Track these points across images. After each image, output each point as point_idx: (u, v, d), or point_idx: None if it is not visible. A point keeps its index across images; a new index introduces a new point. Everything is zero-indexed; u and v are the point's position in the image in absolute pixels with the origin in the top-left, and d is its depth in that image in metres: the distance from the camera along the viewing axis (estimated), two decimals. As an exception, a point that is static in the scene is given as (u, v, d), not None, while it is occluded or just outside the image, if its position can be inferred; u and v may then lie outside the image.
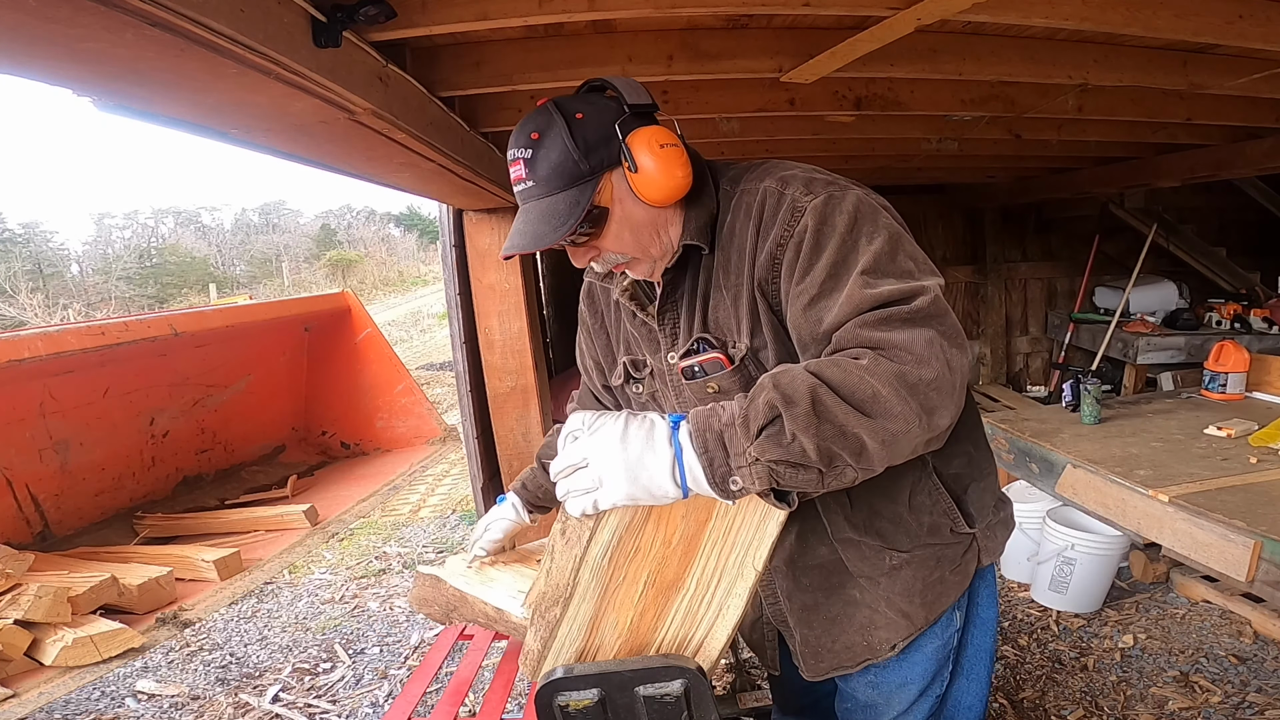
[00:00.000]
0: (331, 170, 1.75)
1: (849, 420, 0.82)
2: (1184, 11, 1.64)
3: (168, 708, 2.73)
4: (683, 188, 1.03)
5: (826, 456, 0.83)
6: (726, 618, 1.00)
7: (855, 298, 0.91)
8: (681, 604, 1.00)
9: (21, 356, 2.63)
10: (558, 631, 0.97)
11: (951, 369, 0.88)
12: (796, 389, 0.83)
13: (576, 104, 1.04)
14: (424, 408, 4.35)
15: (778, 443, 0.82)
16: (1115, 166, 3.73)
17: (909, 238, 1.00)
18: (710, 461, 0.84)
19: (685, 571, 0.98)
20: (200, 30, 0.84)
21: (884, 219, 0.99)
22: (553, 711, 1.01)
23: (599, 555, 0.92)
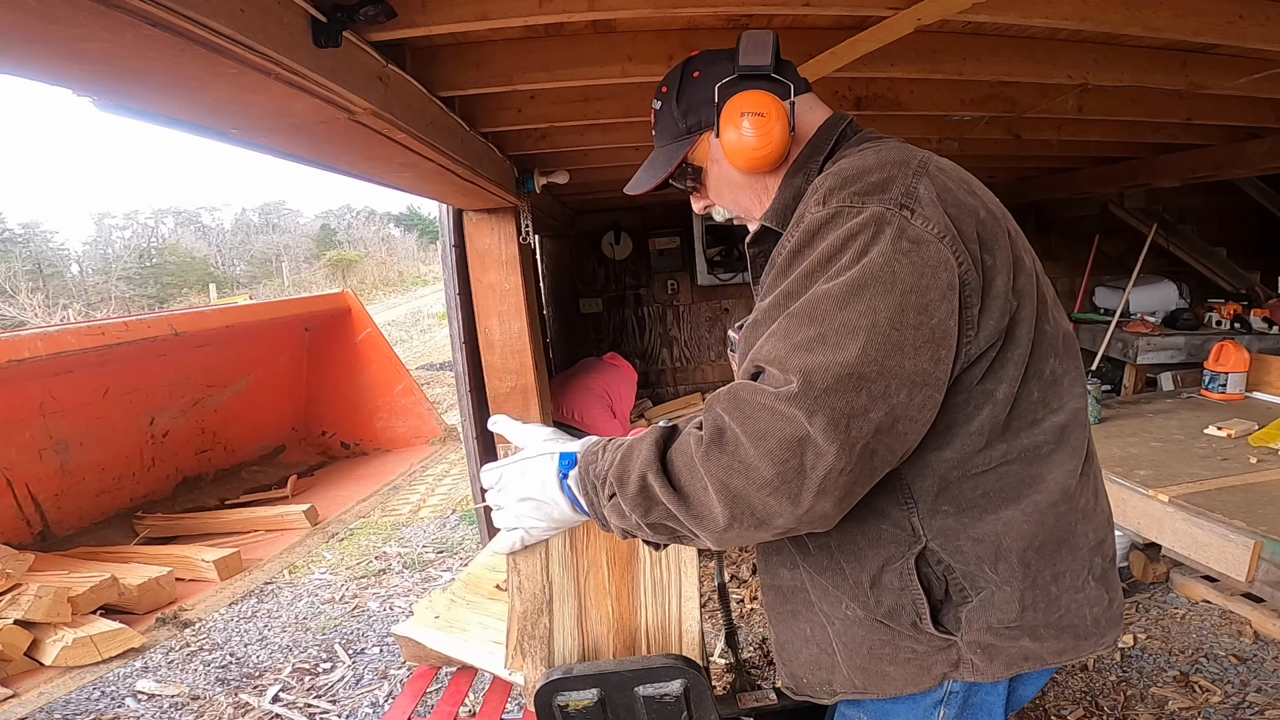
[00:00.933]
0: (331, 170, 1.75)
1: (675, 508, 0.82)
2: (1184, 11, 1.64)
3: (168, 708, 2.73)
4: (767, 159, 0.99)
5: (665, 532, 0.86)
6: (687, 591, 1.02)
7: (761, 348, 0.82)
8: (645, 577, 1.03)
9: (21, 356, 2.62)
10: (552, 644, 0.98)
11: (804, 474, 0.75)
12: (630, 470, 0.84)
13: (702, 62, 1.06)
14: (424, 408, 4.35)
15: (619, 512, 0.87)
16: (1115, 166, 3.73)
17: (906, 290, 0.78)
18: (590, 504, 0.91)
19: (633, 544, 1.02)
20: (200, 30, 0.84)
21: (875, 254, 0.79)
22: (552, 711, 1.01)
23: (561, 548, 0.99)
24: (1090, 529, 0.96)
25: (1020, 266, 0.88)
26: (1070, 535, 0.94)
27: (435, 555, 4.22)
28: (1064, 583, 0.94)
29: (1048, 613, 0.93)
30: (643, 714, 1.02)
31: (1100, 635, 0.98)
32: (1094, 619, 0.97)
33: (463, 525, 4.65)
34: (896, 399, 0.78)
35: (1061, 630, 0.94)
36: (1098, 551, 0.97)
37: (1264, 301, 4.14)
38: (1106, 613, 0.99)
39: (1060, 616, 0.94)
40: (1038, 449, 0.91)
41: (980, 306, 0.84)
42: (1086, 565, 0.96)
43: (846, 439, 0.76)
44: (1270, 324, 3.98)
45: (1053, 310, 0.94)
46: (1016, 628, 0.92)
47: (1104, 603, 0.98)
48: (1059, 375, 0.92)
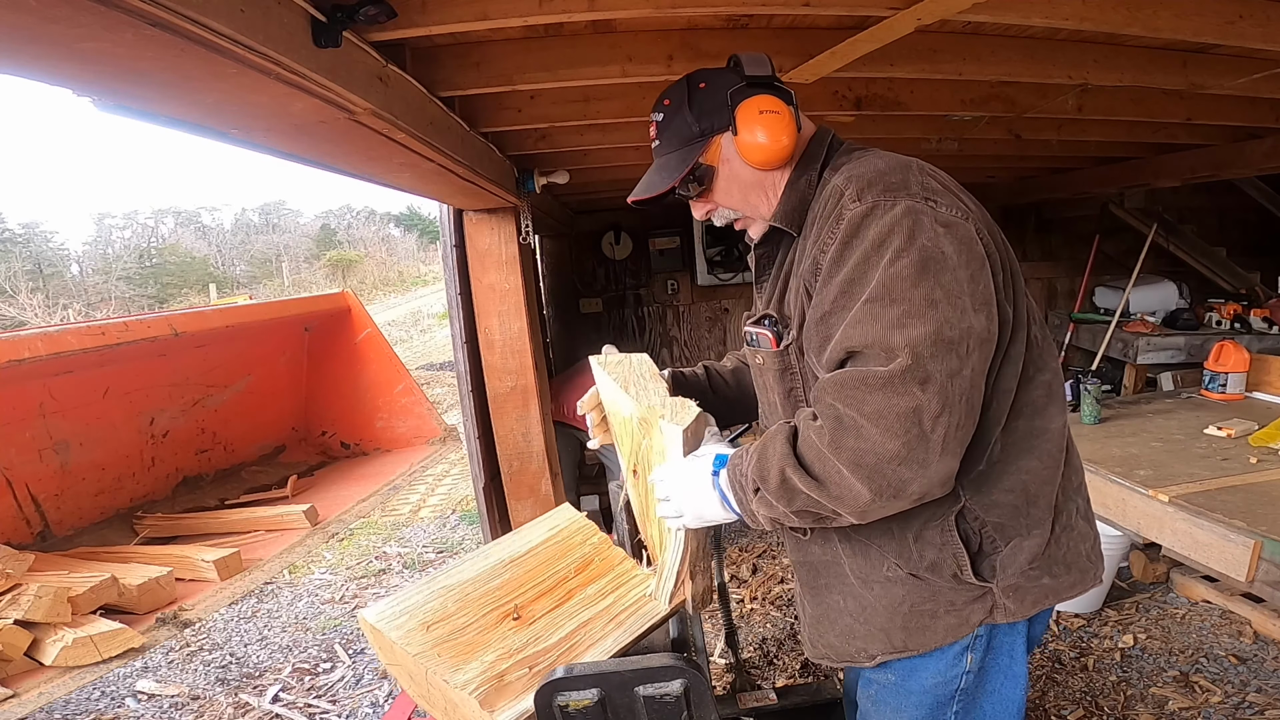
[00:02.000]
0: (331, 170, 1.75)
1: (816, 494, 0.94)
2: (1184, 11, 1.64)
3: (168, 708, 2.73)
4: (782, 152, 1.10)
5: (809, 516, 0.98)
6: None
7: (849, 335, 0.93)
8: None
9: (21, 356, 2.63)
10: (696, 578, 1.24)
11: (927, 439, 0.87)
12: (769, 467, 0.97)
13: (705, 75, 1.15)
14: (424, 408, 4.35)
15: (767, 504, 1.00)
16: (1115, 166, 3.73)
17: (957, 264, 0.91)
18: (739, 501, 1.04)
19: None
20: (200, 30, 0.84)
21: (924, 239, 0.91)
22: (553, 711, 1.01)
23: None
24: (1073, 472, 1.13)
25: (1007, 247, 1.03)
26: (1072, 477, 1.11)
27: (435, 555, 4.22)
28: (1068, 521, 1.09)
29: (1061, 550, 1.08)
30: (643, 714, 1.02)
31: (1095, 569, 1.14)
32: (1086, 554, 1.12)
33: (463, 525, 4.65)
34: (975, 357, 0.91)
35: (1069, 566, 1.09)
36: (1079, 492, 1.14)
37: (1264, 301, 4.14)
38: (1094, 549, 1.15)
39: (1065, 553, 1.08)
40: (1035, 404, 1.04)
41: (997, 274, 0.97)
42: (1075, 505, 1.12)
43: (952, 397, 0.88)
44: (1270, 324, 3.97)
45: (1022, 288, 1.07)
46: (1039, 567, 1.06)
47: (1090, 539, 1.14)
48: (1041, 339, 1.07)
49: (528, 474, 2.88)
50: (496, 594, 1.24)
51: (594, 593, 1.28)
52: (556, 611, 1.22)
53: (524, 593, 1.25)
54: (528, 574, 1.30)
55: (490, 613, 1.20)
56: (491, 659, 1.10)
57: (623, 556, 1.40)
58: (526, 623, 1.19)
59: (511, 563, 1.32)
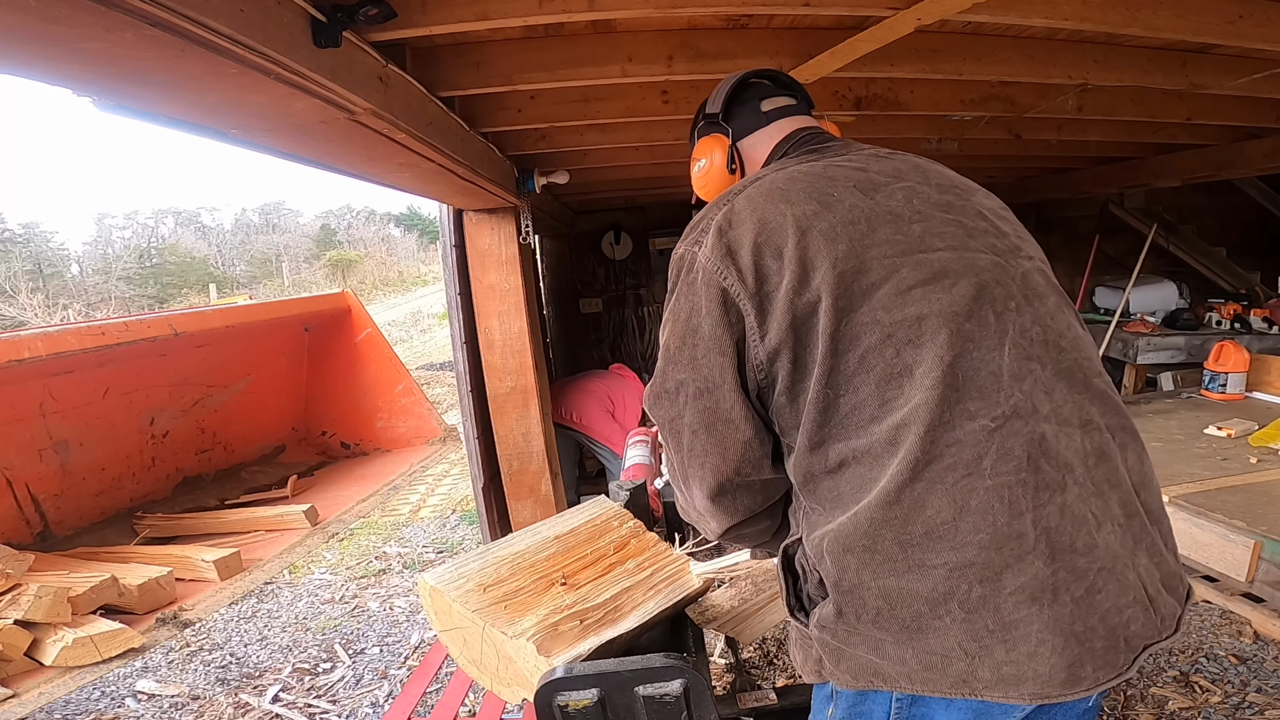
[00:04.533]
0: (331, 170, 1.75)
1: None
2: (1184, 11, 1.64)
3: (168, 708, 2.73)
4: (705, 192, 1.18)
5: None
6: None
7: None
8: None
9: (21, 356, 2.62)
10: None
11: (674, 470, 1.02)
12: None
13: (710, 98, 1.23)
14: (424, 408, 4.35)
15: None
16: (1115, 166, 3.73)
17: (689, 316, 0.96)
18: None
19: None
20: (200, 30, 0.84)
21: (673, 291, 1.00)
22: (552, 711, 1.01)
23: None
24: (948, 549, 0.83)
25: (813, 266, 0.89)
26: (906, 552, 0.84)
27: (435, 555, 4.22)
28: (903, 604, 0.84)
29: (883, 629, 0.85)
30: (643, 714, 1.02)
31: (984, 679, 0.82)
32: (967, 654, 0.82)
33: (463, 525, 4.65)
34: (703, 403, 0.94)
35: (911, 655, 0.85)
36: (964, 576, 0.82)
37: (1264, 301, 4.14)
38: (999, 655, 0.82)
39: (909, 639, 0.84)
40: (872, 451, 0.87)
41: (760, 312, 0.91)
42: (946, 590, 0.83)
43: (675, 438, 0.97)
44: (1270, 324, 3.98)
45: (916, 295, 0.88)
46: (848, 633, 0.87)
47: (985, 640, 0.82)
48: (908, 366, 0.86)
49: (528, 474, 2.88)
50: (545, 564, 1.33)
51: (632, 566, 1.38)
52: (600, 580, 1.31)
53: (569, 564, 1.34)
54: (571, 549, 1.39)
55: (540, 579, 1.29)
56: (544, 614, 1.19)
57: (656, 539, 1.49)
58: (573, 588, 1.28)
59: (557, 539, 1.41)
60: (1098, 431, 0.90)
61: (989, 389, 0.85)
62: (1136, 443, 0.96)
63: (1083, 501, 0.85)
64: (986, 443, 0.84)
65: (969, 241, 0.95)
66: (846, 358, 0.88)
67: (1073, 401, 0.89)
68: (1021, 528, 0.83)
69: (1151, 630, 0.86)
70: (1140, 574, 0.87)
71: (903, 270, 0.90)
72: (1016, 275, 0.95)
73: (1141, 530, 0.90)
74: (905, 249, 0.91)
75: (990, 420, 0.84)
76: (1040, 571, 0.82)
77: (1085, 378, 0.93)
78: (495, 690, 1.23)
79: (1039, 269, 1.00)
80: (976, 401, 0.85)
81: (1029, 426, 0.85)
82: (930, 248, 0.92)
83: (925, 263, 0.91)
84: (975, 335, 0.87)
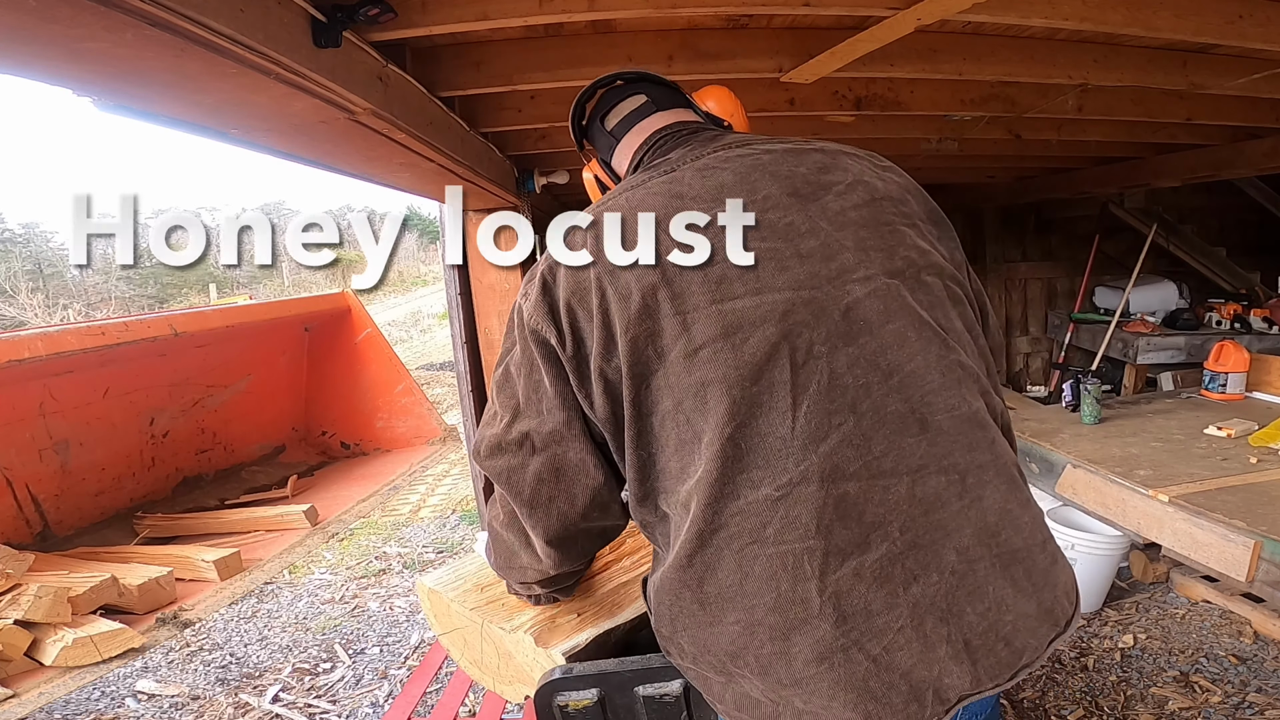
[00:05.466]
0: (331, 170, 1.75)
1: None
2: (1184, 11, 1.64)
3: (168, 708, 2.73)
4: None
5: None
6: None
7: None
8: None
9: (21, 356, 2.63)
10: None
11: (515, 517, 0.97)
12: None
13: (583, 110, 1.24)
14: (424, 408, 4.35)
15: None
16: (1115, 166, 3.73)
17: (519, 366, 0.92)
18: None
19: None
20: (200, 30, 0.84)
21: (510, 349, 0.94)
22: (552, 712, 1.01)
23: None
24: (738, 609, 0.84)
25: (612, 329, 0.85)
26: (704, 608, 0.86)
27: (435, 555, 4.22)
28: (710, 653, 0.87)
29: (708, 668, 0.88)
30: (643, 714, 1.02)
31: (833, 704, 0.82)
32: (771, 701, 0.84)
33: (463, 525, 4.65)
34: (550, 452, 0.91)
35: (730, 694, 0.88)
36: (755, 634, 0.83)
37: (1264, 301, 4.14)
38: (797, 705, 0.83)
39: (727, 681, 0.87)
40: (675, 511, 0.88)
41: (579, 375, 0.88)
42: (741, 645, 0.84)
43: (513, 489, 0.93)
44: (1270, 324, 3.98)
45: (703, 357, 0.83)
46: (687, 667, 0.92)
47: (782, 692, 0.83)
48: (697, 434, 0.84)
49: (528, 474, 2.88)
50: None
51: (628, 564, 1.38)
52: (596, 577, 1.31)
53: None
54: None
55: None
56: (543, 610, 1.19)
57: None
58: None
59: None
60: (933, 475, 0.84)
61: (775, 457, 0.82)
62: (1001, 479, 0.88)
63: (890, 560, 0.82)
64: (770, 512, 0.82)
65: (776, 278, 0.85)
66: (650, 420, 0.87)
67: (897, 450, 0.83)
68: (805, 593, 0.81)
69: (968, 682, 0.83)
70: (963, 626, 0.83)
71: (693, 329, 0.84)
72: (836, 310, 0.85)
73: (983, 578, 0.84)
74: (698, 301, 0.84)
75: (774, 490, 0.82)
76: (827, 634, 0.81)
77: (926, 416, 0.85)
78: (498, 690, 1.24)
79: (879, 291, 0.87)
80: (760, 470, 0.82)
81: (823, 491, 0.81)
82: (727, 295, 0.84)
83: (717, 315, 0.84)
84: (762, 399, 0.82)
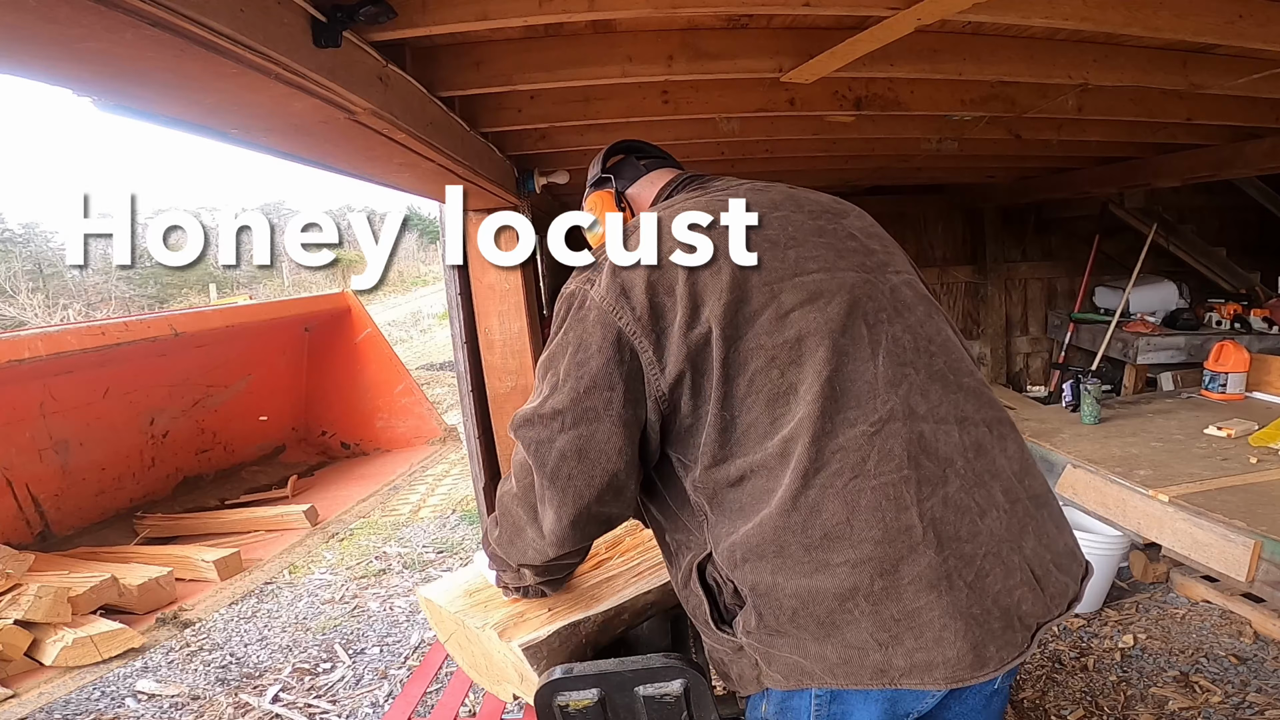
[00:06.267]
0: (331, 170, 1.75)
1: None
2: (1184, 11, 1.64)
3: (168, 708, 2.73)
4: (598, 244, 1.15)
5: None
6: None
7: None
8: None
9: (21, 356, 2.63)
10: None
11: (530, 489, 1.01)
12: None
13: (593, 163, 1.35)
14: (424, 408, 4.35)
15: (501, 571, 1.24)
16: (1115, 166, 3.73)
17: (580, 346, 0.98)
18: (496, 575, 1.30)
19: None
20: (200, 30, 0.84)
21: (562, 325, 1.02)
22: (552, 711, 1.01)
23: None
24: (847, 546, 0.88)
25: (701, 300, 0.96)
26: (809, 554, 0.89)
27: (435, 555, 4.22)
28: (816, 602, 0.89)
29: (802, 628, 0.90)
30: (643, 714, 1.02)
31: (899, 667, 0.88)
32: (880, 644, 0.88)
33: (463, 525, 4.65)
34: (580, 430, 0.96)
35: (830, 649, 0.89)
36: (864, 570, 0.88)
37: (1264, 301, 4.14)
38: (908, 643, 0.87)
39: (826, 634, 0.89)
40: (767, 464, 0.93)
41: (657, 347, 0.96)
42: (851, 585, 0.88)
43: (540, 461, 0.97)
44: (1270, 324, 3.97)
45: (795, 317, 0.95)
46: (773, 636, 0.92)
47: (894, 629, 0.88)
48: (792, 385, 0.94)
49: (528, 474, 2.88)
50: None
51: (620, 561, 1.41)
52: (587, 574, 1.34)
53: None
54: None
55: None
56: (520, 607, 1.22)
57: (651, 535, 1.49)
58: None
59: None
60: (974, 426, 0.98)
61: (865, 397, 0.93)
62: (1014, 433, 1.04)
63: (965, 492, 0.93)
64: (868, 446, 0.91)
65: (839, 261, 1.02)
66: (737, 382, 0.95)
67: (948, 401, 0.97)
68: (909, 520, 0.89)
69: (1041, 608, 0.93)
70: (1026, 556, 0.94)
71: (781, 295, 0.97)
72: (885, 290, 1.02)
73: (1026, 515, 0.97)
74: (782, 274, 0.98)
75: (869, 425, 0.92)
76: (932, 560, 0.88)
77: (956, 378, 1.00)
78: (493, 690, 1.26)
79: (907, 282, 1.07)
80: (854, 410, 0.92)
81: (907, 427, 0.92)
82: (805, 270, 0.99)
83: (801, 285, 0.98)
84: (850, 349, 0.95)
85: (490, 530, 1.15)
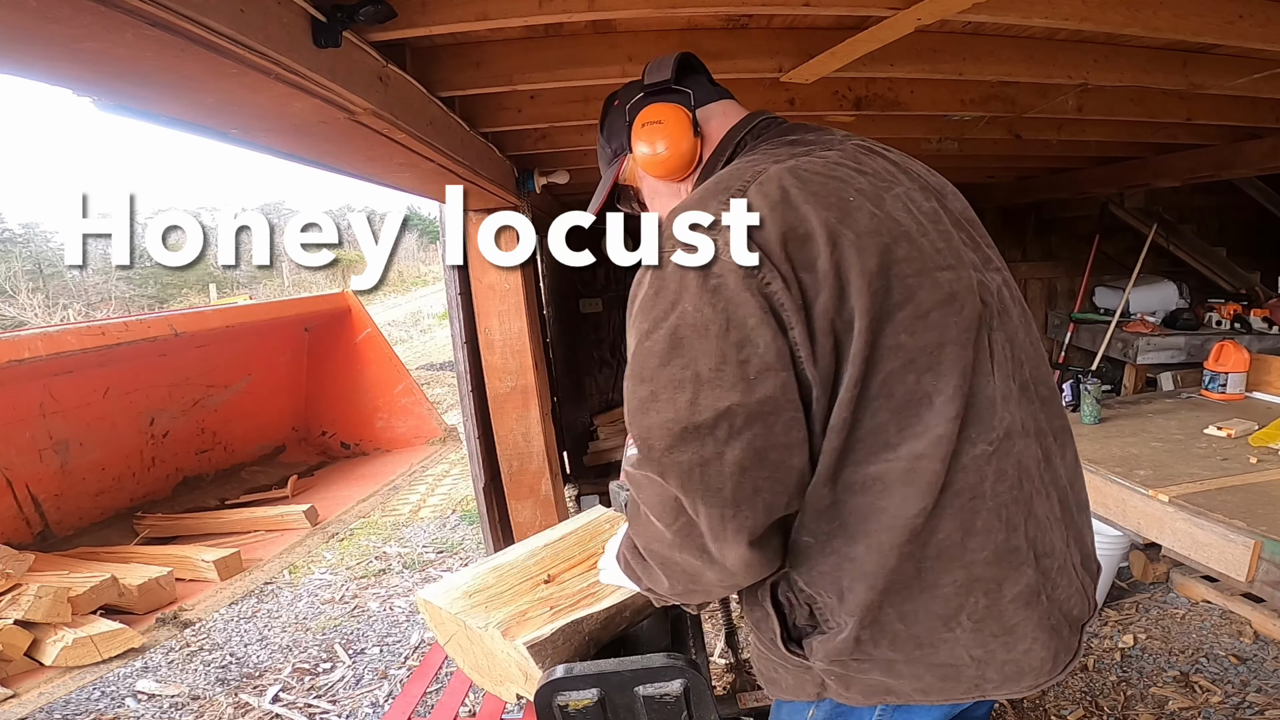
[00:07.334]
0: (331, 170, 1.75)
1: (639, 579, 0.99)
2: (1184, 11, 1.64)
3: (168, 708, 2.73)
4: (669, 165, 1.04)
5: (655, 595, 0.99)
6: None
7: (628, 414, 0.86)
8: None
9: (21, 356, 2.62)
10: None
11: (696, 527, 0.81)
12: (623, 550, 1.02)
13: (622, 92, 1.14)
14: (424, 408, 4.35)
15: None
16: (1115, 166, 3.73)
17: (720, 333, 0.79)
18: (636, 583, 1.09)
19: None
20: (200, 30, 0.84)
21: (685, 304, 0.80)
22: (553, 711, 1.01)
23: None
24: (958, 568, 0.85)
25: (848, 281, 0.81)
26: (920, 575, 0.85)
27: (435, 555, 4.22)
28: (917, 623, 0.86)
29: (898, 650, 0.87)
30: (643, 714, 1.02)
31: (992, 680, 0.88)
32: (976, 660, 0.87)
33: (463, 525, 4.65)
34: (750, 433, 0.78)
35: (925, 670, 0.87)
36: (971, 591, 0.85)
37: (1264, 301, 4.14)
38: (1001, 656, 0.87)
39: (922, 655, 0.87)
40: (884, 478, 0.83)
41: (805, 327, 0.81)
42: (956, 606, 0.86)
43: (707, 487, 0.78)
44: (1270, 324, 3.97)
45: (934, 319, 0.83)
46: (860, 660, 0.88)
47: (991, 645, 0.87)
48: (926, 394, 0.83)
49: (528, 474, 2.88)
50: (533, 569, 1.38)
51: None
52: (584, 575, 1.34)
53: (557, 565, 1.38)
54: (561, 554, 1.44)
55: (525, 581, 1.33)
56: (521, 607, 1.22)
57: None
58: (556, 584, 1.32)
59: (547, 546, 1.46)
60: (1044, 437, 0.95)
61: (986, 414, 0.86)
62: (1070, 439, 1.02)
63: (1041, 507, 0.92)
64: (986, 467, 0.86)
65: (961, 258, 0.90)
66: (870, 381, 0.82)
67: (1028, 413, 0.93)
68: (1017, 542, 0.88)
69: (1085, 611, 0.97)
70: (1075, 563, 0.96)
71: (919, 292, 0.84)
72: (993, 292, 0.93)
73: (1070, 521, 0.97)
74: (920, 268, 0.85)
75: (988, 445, 0.86)
76: (1031, 578, 0.88)
77: (1036, 389, 0.96)
78: (495, 691, 1.26)
79: (1005, 282, 0.97)
80: (975, 428, 0.85)
81: (1016, 446, 0.89)
82: (938, 265, 0.86)
83: (938, 284, 0.85)
84: (977, 362, 0.86)
85: (647, 584, 0.97)
